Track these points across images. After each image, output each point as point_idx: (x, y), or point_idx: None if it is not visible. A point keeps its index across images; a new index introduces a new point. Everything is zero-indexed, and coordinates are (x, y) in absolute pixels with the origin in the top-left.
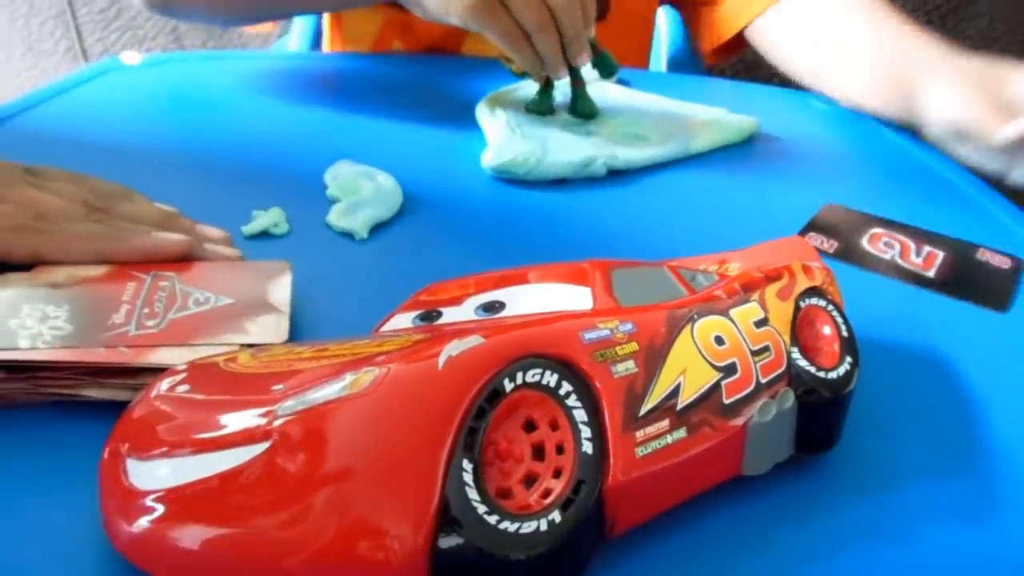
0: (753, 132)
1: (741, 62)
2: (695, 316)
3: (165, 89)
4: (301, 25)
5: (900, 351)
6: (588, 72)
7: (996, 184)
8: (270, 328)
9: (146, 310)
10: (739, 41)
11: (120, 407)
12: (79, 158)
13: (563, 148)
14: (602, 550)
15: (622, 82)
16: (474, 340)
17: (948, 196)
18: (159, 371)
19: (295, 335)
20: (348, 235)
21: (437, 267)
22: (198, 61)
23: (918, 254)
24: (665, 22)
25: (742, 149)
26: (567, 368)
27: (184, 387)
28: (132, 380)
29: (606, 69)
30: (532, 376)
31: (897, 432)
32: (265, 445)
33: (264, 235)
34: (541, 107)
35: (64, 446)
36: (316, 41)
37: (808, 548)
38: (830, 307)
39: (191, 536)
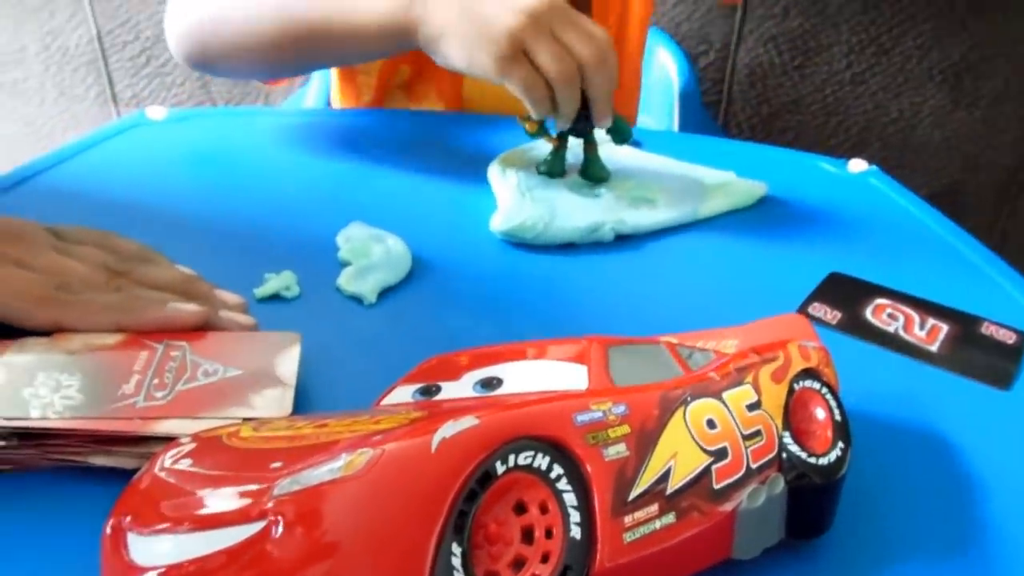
0: (761, 196)
1: (757, 115)
2: (688, 398)
3: (187, 145)
4: (319, 75)
5: (898, 429)
6: (600, 135)
7: (1000, 249)
8: (274, 402)
9: (156, 381)
10: None
11: (125, 473)
12: (104, 214)
13: (571, 213)
14: None
15: (634, 142)
16: (468, 421)
17: (953, 264)
18: (165, 440)
19: (301, 402)
20: (357, 299)
21: (443, 334)
22: (220, 117)
23: (922, 327)
24: (672, 62)
25: (750, 213)
26: (559, 451)
27: (187, 460)
28: (138, 448)
29: (620, 135)
30: (524, 459)
31: (893, 513)
32: (261, 524)
33: (276, 297)
34: (553, 169)
35: (68, 510)
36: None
37: None
38: (824, 390)
39: None
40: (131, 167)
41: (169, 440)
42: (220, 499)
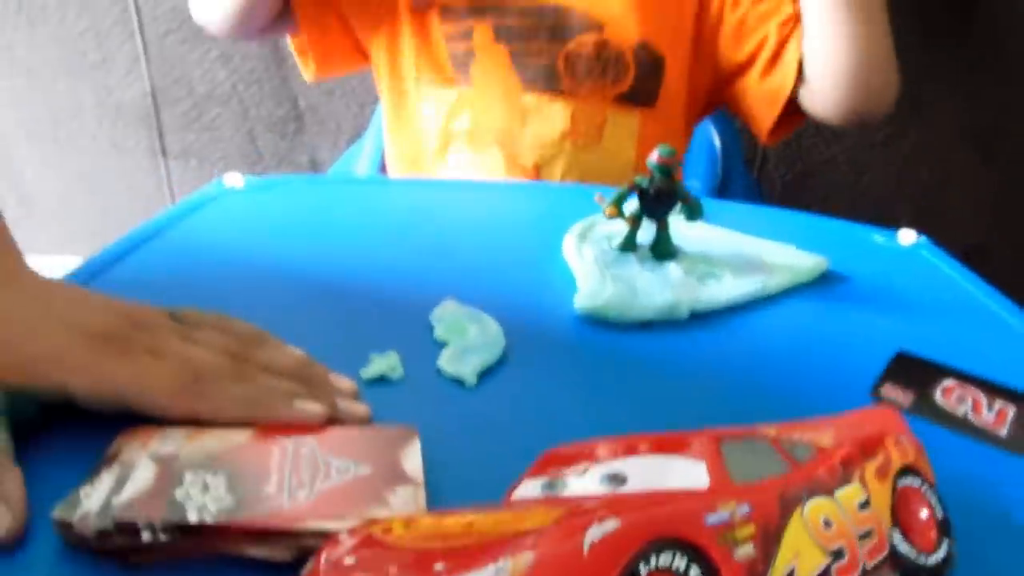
0: (823, 272)
1: (791, 173)
2: (804, 496)
3: (270, 216)
4: (371, 144)
5: (975, 516)
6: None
7: None
8: (409, 501)
9: (295, 479)
10: (790, 118)
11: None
12: (201, 292)
13: (649, 292)
14: None
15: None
16: (612, 523)
17: (1010, 341)
18: (317, 533)
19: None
20: (459, 380)
21: (543, 416)
22: (298, 185)
23: (990, 408)
24: (712, 124)
25: (813, 290)
26: (695, 551)
27: (351, 559)
28: (292, 541)
29: (692, 213)
30: (664, 559)
31: None
32: None
33: (382, 379)
34: (627, 245)
35: None
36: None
37: None
38: (925, 487)
39: None
40: (220, 240)
41: (320, 534)
42: None
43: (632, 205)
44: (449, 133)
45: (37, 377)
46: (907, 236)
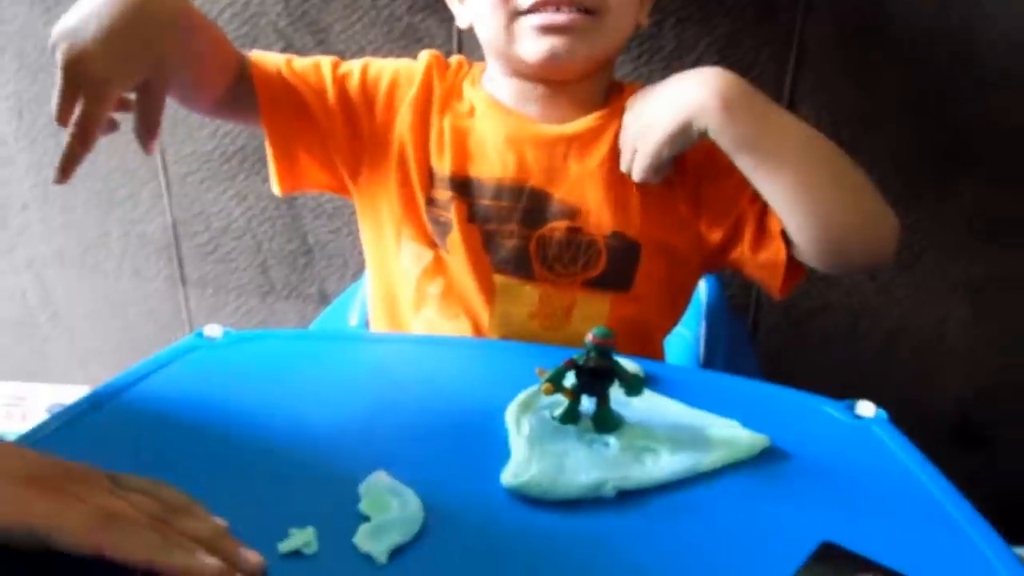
0: (763, 449)
1: (786, 319)
2: None
3: (236, 372)
4: (364, 287)
5: None
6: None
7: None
8: None
9: None
10: (797, 270)
11: None
12: (155, 447)
13: (576, 470)
14: None
15: (649, 376)
16: None
17: (948, 536)
18: None
19: None
20: (371, 558)
21: None
22: (269, 341)
23: None
24: (703, 281)
25: (752, 466)
26: None
27: None
28: None
29: (632, 390)
30: None
31: None
32: None
33: (297, 553)
34: (567, 417)
35: None
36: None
37: None
38: None
39: None
40: (183, 395)
41: None
42: None
43: (571, 379)
44: (423, 293)
45: None
46: (865, 408)
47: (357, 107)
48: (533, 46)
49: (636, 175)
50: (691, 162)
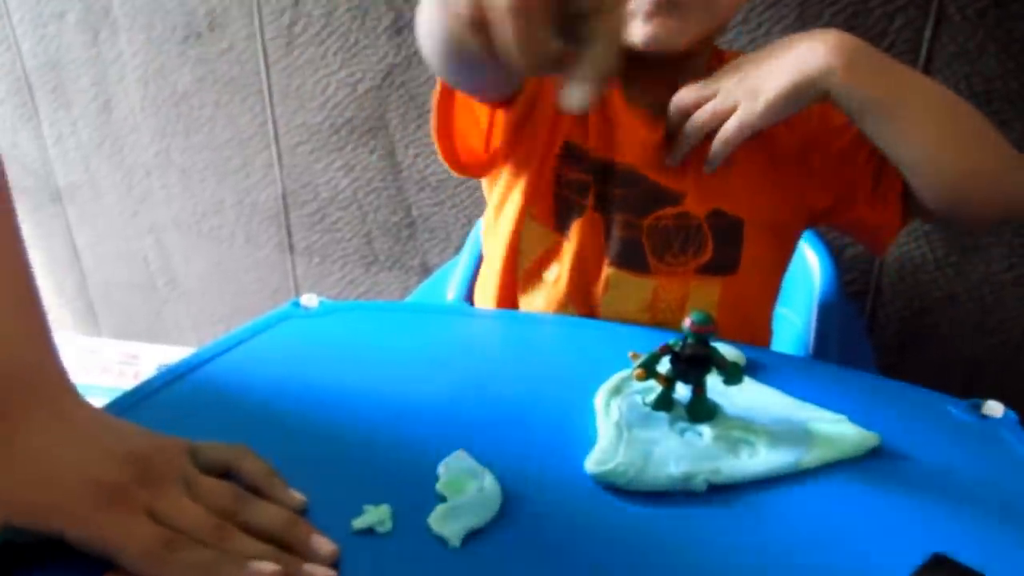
0: (873, 447)
1: (908, 309)
2: None
3: (328, 341)
4: (465, 260)
5: None
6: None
7: None
8: None
9: None
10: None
11: None
12: (243, 417)
13: (665, 460)
14: None
15: (753, 363)
16: None
17: None
18: None
19: None
20: (444, 540)
21: None
22: (362, 312)
23: None
24: (816, 260)
25: (859, 467)
26: None
27: None
28: None
29: (732, 378)
30: None
31: None
32: None
33: (370, 531)
34: (660, 404)
35: None
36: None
37: None
38: None
39: None
40: (277, 363)
41: None
42: None
43: (666, 366)
44: (538, 277)
45: (38, 522)
46: (992, 408)
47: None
48: (640, 30)
49: (730, 135)
50: (798, 129)
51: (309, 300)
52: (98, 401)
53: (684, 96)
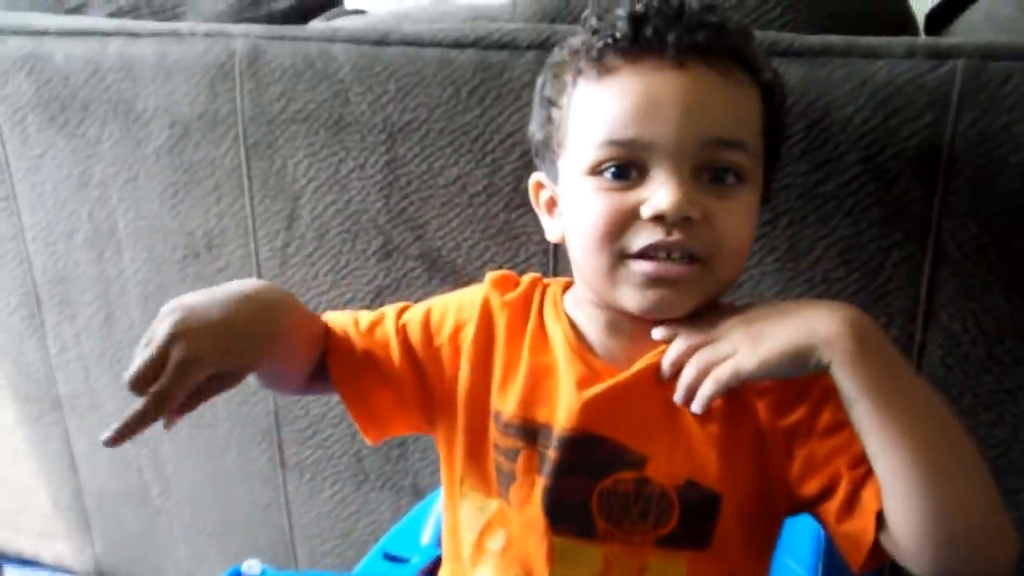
0: None
1: None
2: None
3: None
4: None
5: None
6: None
7: None
8: None
9: None
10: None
11: None
12: None
13: None
14: None
15: None
16: None
17: None
18: None
19: None
20: None
21: None
22: None
23: None
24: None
25: None
26: None
27: None
28: None
29: None
30: None
31: None
32: None
33: None
34: None
35: None
36: None
37: None
38: None
39: None
40: None
41: None
42: None
43: None
44: (483, 549)
45: None
46: None
47: (422, 359)
48: (638, 296)
49: (722, 376)
50: (785, 415)
51: (251, 567)
52: None
53: (681, 346)
